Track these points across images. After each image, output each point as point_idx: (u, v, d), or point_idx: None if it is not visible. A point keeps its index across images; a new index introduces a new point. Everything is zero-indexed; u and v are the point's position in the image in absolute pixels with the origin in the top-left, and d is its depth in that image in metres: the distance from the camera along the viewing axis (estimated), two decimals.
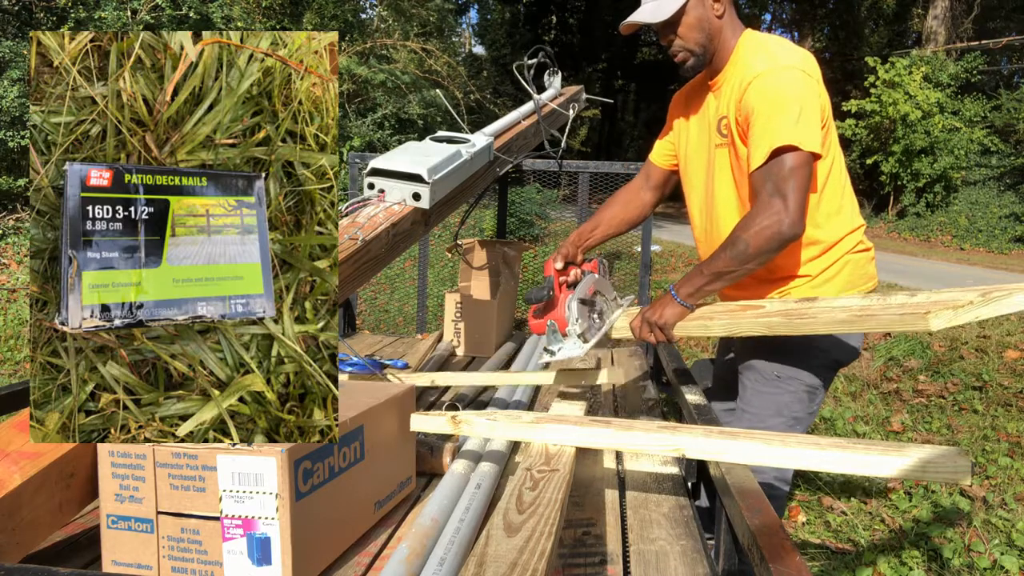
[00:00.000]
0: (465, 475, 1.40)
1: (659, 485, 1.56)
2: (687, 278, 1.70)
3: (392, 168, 1.81)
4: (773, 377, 1.77)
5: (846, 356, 1.79)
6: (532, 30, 25.97)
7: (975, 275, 9.39)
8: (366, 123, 9.77)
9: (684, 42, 1.70)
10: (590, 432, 1.38)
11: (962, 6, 16.83)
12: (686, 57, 1.72)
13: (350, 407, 1.25)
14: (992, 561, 2.55)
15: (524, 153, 2.69)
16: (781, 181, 1.53)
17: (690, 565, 1.21)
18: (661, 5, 1.68)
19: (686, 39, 1.69)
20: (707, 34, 1.69)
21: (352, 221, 1.73)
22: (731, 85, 1.69)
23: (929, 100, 13.96)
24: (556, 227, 9.15)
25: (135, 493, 1.06)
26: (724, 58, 1.73)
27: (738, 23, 1.75)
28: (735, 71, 1.69)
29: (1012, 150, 14.75)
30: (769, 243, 1.55)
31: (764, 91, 1.57)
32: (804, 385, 1.76)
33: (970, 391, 4.40)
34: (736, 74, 1.68)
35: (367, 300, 5.93)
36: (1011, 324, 5.88)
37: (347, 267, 1.61)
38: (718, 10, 1.69)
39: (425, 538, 1.14)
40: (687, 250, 9.84)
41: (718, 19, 1.69)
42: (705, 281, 1.66)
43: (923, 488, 3.09)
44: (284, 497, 1.02)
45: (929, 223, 14.41)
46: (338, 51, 1.36)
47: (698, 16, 1.68)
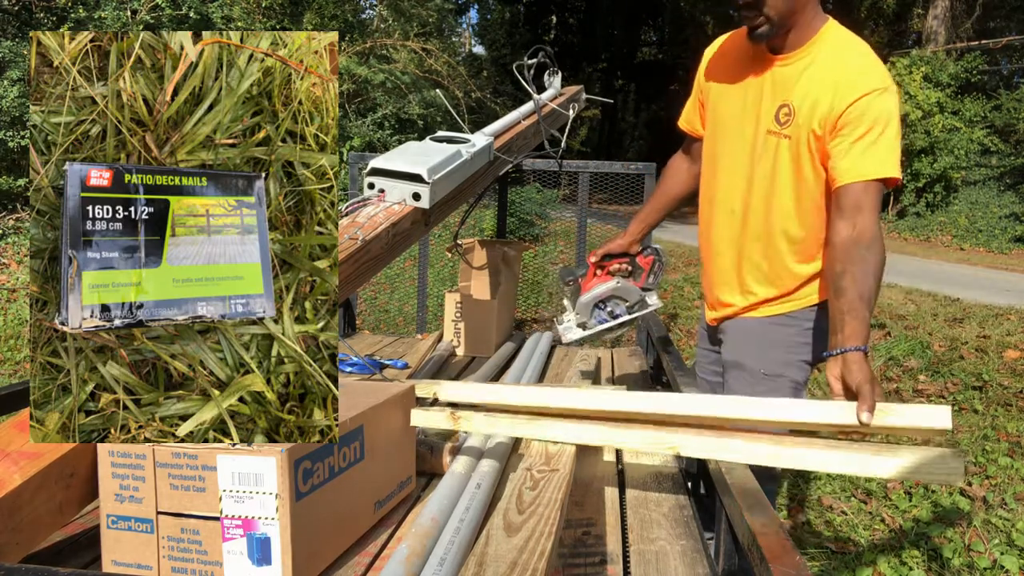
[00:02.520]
0: (465, 475, 1.40)
1: (659, 484, 1.56)
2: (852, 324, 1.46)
3: (392, 168, 1.81)
4: (760, 375, 1.77)
5: None
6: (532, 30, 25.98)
7: (975, 275, 9.39)
8: (366, 123, 9.78)
9: (767, 7, 1.56)
10: (586, 429, 1.38)
11: (962, 6, 16.83)
12: (762, 23, 1.59)
13: (350, 407, 1.25)
14: (992, 561, 2.55)
15: (524, 153, 2.68)
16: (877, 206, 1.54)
17: (690, 565, 1.21)
18: None
19: (770, 5, 1.56)
20: (792, 6, 1.58)
21: (352, 221, 1.73)
22: (821, 78, 1.59)
23: (929, 100, 13.96)
24: (556, 227, 9.14)
25: (135, 493, 1.06)
26: (803, 37, 1.62)
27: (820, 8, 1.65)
28: (825, 63, 1.59)
29: (1012, 150, 14.74)
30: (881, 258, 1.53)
31: (880, 112, 1.53)
32: (790, 382, 1.76)
33: (970, 391, 4.40)
34: (827, 69, 1.58)
35: (367, 300, 5.94)
36: (1011, 324, 5.88)
37: (347, 267, 1.61)
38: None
39: (425, 538, 1.14)
40: (687, 250, 9.84)
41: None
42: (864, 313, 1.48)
43: (923, 488, 3.09)
44: (284, 497, 1.02)
45: (929, 223, 14.40)
46: (338, 51, 1.36)
47: None
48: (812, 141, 1.60)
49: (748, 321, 1.81)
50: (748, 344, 1.81)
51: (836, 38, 1.62)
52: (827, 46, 1.61)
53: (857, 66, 1.57)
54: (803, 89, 1.60)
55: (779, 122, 1.65)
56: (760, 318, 1.79)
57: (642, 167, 3.42)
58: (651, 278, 2.01)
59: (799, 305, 1.74)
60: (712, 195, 1.83)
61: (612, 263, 2.01)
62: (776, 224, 1.71)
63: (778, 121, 1.65)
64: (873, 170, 1.53)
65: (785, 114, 1.63)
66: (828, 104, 1.56)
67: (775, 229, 1.71)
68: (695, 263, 9.03)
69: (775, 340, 1.76)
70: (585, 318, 1.96)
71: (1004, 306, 6.68)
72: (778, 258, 1.73)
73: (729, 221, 1.79)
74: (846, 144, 1.54)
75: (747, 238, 1.76)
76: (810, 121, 1.59)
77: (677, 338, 5.53)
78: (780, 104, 1.64)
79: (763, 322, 1.78)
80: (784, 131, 1.64)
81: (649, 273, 2.01)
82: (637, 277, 2.02)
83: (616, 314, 1.96)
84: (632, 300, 1.97)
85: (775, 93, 1.66)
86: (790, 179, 1.66)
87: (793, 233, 1.70)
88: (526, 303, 6.13)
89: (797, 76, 1.62)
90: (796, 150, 1.62)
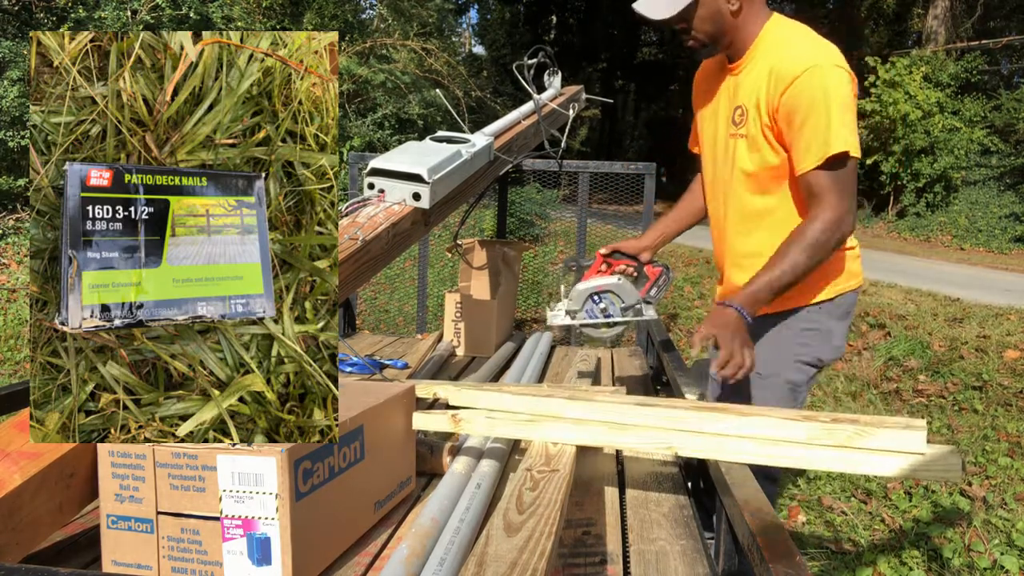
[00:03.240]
0: (465, 475, 1.40)
1: (659, 485, 1.56)
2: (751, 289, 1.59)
3: (392, 168, 1.81)
4: (755, 375, 1.77)
5: (828, 354, 1.79)
6: (532, 30, 25.98)
7: (975, 275, 9.39)
8: (366, 123, 9.77)
9: (696, 32, 1.66)
10: (586, 430, 1.38)
11: (962, 6, 16.83)
12: (696, 46, 1.69)
13: (350, 407, 1.25)
14: (992, 561, 2.55)
15: (524, 153, 2.68)
16: (840, 185, 1.55)
17: (690, 565, 1.21)
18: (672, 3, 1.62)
19: (697, 30, 1.65)
20: (719, 27, 1.65)
21: (352, 221, 1.73)
22: (757, 73, 1.64)
23: (929, 100, 13.96)
24: (556, 227, 9.14)
25: (135, 493, 1.06)
26: (745, 43, 1.68)
27: (762, 8, 1.69)
28: (763, 59, 1.64)
29: (1012, 150, 14.75)
30: (833, 240, 1.56)
31: (814, 90, 1.53)
32: (786, 382, 1.76)
33: (970, 391, 4.40)
34: (764, 63, 1.63)
35: (367, 300, 5.93)
36: (1011, 324, 5.88)
37: (347, 267, 1.61)
38: (734, 5, 1.64)
39: (425, 538, 1.14)
40: (687, 250, 9.84)
41: (733, 15, 1.64)
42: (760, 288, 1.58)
43: (923, 488, 3.09)
44: (284, 497, 1.02)
45: (929, 223, 14.40)
46: (338, 51, 1.36)
47: (711, 11, 1.63)
48: (768, 132, 1.64)
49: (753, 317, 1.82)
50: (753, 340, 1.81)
51: (776, 32, 1.66)
52: (767, 43, 1.65)
53: (790, 52, 1.60)
54: (748, 87, 1.66)
55: (735, 123, 1.70)
56: (764, 314, 1.79)
57: (642, 167, 3.42)
58: (654, 290, 1.97)
59: (794, 304, 1.74)
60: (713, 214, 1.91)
61: (620, 262, 1.98)
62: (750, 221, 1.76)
63: (734, 123, 1.71)
64: (816, 158, 1.54)
65: (739, 115, 1.69)
66: (767, 94, 1.60)
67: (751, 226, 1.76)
68: (695, 263, 9.04)
69: (769, 338, 1.76)
70: (576, 307, 1.90)
71: (1004, 306, 6.69)
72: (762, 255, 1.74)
73: (717, 230, 1.88)
74: (793, 134, 1.58)
75: (731, 240, 1.82)
76: (758, 117, 1.63)
77: (677, 338, 5.53)
78: (735, 107, 1.70)
79: (757, 320, 1.79)
80: (739, 131, 1.69)
81: (653, 285, 1.97)
82: (640, 285, 1.97)
83: (608, 313, 1.91)
84: (628, 303, 1.91)
85: (731, 99, 1.73)
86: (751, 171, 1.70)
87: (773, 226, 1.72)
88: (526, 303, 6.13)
89: (744, 77, 1.68)
90: (754, 144, 1.67)
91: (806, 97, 1.54)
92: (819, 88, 1.53)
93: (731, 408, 1.41)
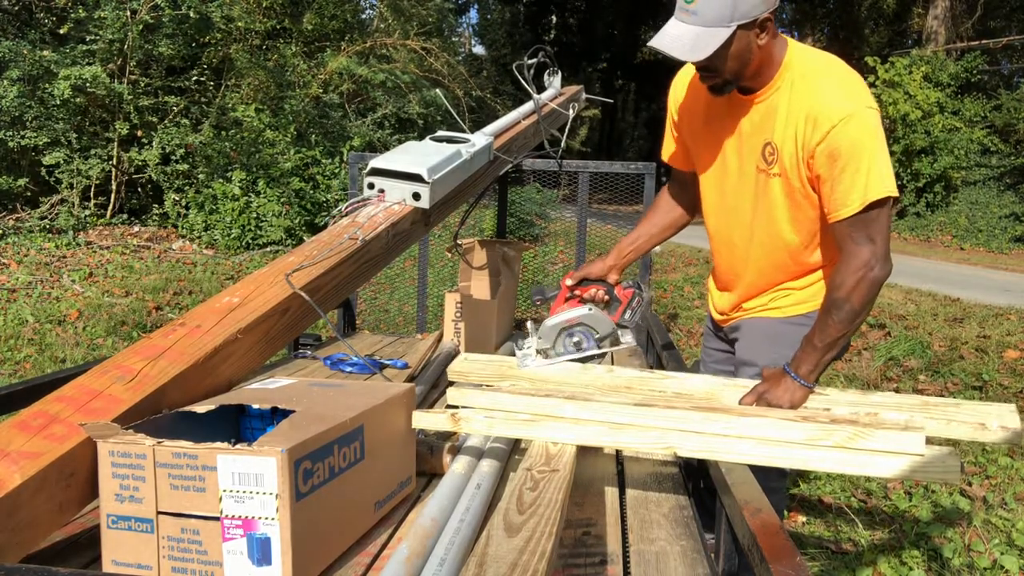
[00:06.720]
0: (465, 475, 1.40)
1: (659, 485, 1.56)
2: (803, 356, 1.58)
3: (392, 168, 1.81)
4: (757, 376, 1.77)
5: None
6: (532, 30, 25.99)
7: (975, 275, 9.39)
8: (366, 123, 9.77)
9: (720, 71, 1.57)
10: (585, 430, 1.38)
11: (962, 6, 16.83)
12: (718, 84, 1.61)
13: (350, 407, 1.25)
14: (992, 561, 2.55)
15: (524, 153, 2.68)
16: (874, 230, 1.53)
17: (690, 565, 1.21)
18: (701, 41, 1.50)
19: (724, 70, 1.56)
20: (745, 63, 1.56)
21: (352, 221, 1.73)
22: (789, 112, 1.58)
23: (929, 100, 13.95)
24: (556, 227, 9.13)
25: (135, 493, 1.06)
26: (770, 73, 1.61)
27: (779, 34, 1.62)
28: (796, 95, 1.58)
29: (1012, 150, 14.73)
30: (870, 292, 1.54)
31: (853, 138, 1.51)
32: None
33: (970, 391, 4.40)
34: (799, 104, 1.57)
35: (367, 300, 5.93)
36: (1011, 324, 5.88)
37: (347, 267, 1.61)
38: (763, 40, 1.55)
39: (425, 538, 1.14)
40: (687, 250, 9.84)
41: (760, 48, 1.56)
42: (822, 354, 1.57)
43: (923, 488, 3.10)
44: (284, 497, 1.02)
45: (929, 223, 14.39)
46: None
47: (740, 48, 1.53)
48: (803, 172, 1.61)
49: (762, 320, 1.83)
50: (761, 343, 1.82)
51: (803, 64, 1.61)
52: (796, 74, 1.60)
53: (825, 96, 1.56)
54: (782, 126, 1.61)
55: (766, 160, 1.66)
56: (774, 318, 1.81)
57: (642, 167, 3.42)
58: (628, 314, 1.83)
59: (807, 309, 1.76)
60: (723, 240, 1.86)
61: (588, 288, 1.83)
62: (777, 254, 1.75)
63: (765, 159, 1.66)
64: (855, 206, 1.52)
65: (770, 152, 1.64)
66: (803, 139, 1.57)
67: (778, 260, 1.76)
68: (695, 263, 9.03)
69: (788, 340, 1.75)
70: (547, 345, 1.75)
71: (1004, 306, 6.68)
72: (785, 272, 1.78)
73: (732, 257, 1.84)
74: (829, 180, 1.55)
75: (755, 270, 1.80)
76: (794, 158, 1.60)
77: (677, 338, 5.53)
78: (764, 142, 1.65)
79: (776, 322, 1.80)
80: (772, 169, 1.65)
81: (627, 308, 1.83)
82: (612, 311, 1.83)
83: (583, 347, 1.75)
84: (603, 332, 1.76)
85: (756, 131, 1.66)
86: (786, 210, 1.68)
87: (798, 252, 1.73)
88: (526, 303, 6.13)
89: (774, 112, 1.62)
90: (788, 186, 1.64)
91: (845, 147, 1.51)
92: (858, 138, 1.51)
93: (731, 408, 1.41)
